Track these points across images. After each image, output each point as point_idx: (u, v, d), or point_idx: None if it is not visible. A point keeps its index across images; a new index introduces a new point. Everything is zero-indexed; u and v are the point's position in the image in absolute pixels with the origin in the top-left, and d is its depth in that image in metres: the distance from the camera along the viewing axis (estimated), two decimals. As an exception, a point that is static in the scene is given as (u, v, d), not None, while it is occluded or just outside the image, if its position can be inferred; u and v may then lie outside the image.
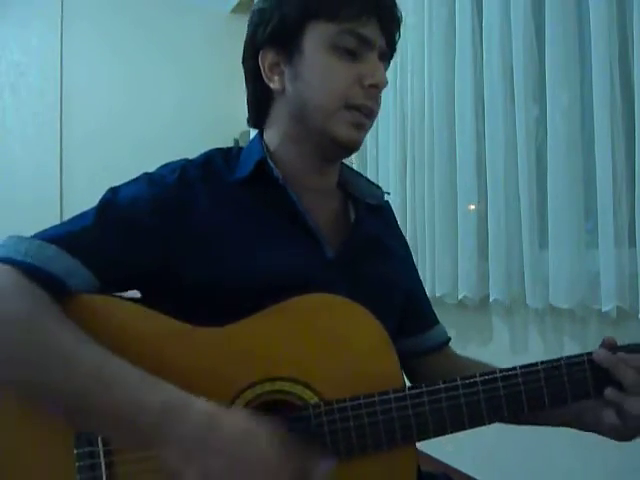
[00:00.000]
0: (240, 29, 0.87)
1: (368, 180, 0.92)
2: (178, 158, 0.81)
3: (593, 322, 1.53)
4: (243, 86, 0.85)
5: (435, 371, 0.90)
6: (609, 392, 0.69)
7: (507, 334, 1.83)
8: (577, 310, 1.53)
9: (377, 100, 0.79)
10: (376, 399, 0.67)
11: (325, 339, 0.70)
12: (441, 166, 1.98)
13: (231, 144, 1.08)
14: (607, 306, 1.40)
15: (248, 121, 0.88)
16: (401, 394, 0.67)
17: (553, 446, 1.55)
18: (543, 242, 1.64)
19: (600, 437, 0.73)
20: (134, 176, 0.78)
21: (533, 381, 0.69)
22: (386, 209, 0.96)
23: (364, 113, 0.77)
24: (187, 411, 0.57)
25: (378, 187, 0.92)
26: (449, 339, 0.95)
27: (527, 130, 1.65)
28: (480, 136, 1.86)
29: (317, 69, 0.76)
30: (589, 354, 0.70)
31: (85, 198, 0.71)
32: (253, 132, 0.87)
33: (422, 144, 2.07)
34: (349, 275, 0.79)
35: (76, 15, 3.04)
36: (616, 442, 0.72)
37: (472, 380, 0.69)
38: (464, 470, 1.81)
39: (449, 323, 0.98)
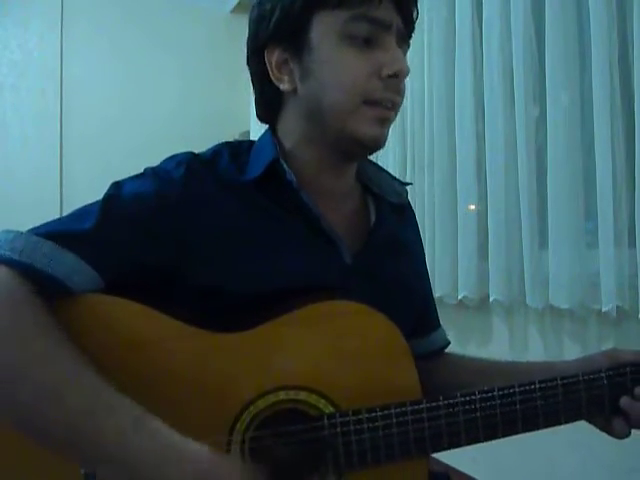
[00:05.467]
0: (240, 29, 0.86)
1: (391, 175, 0.86)
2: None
3: (593, 322, 1.53)
4: (243, 86, 0.83)
5: (431, 374, 0.86)
6: (624, 401, 0.69)
7: (507, 334, 1.82)
8: (577, 310, 1.53)
9: (399, 90, 0.71)
10: (393, 411, 0.65)
11: (343, 348, 0.67)
12: (441, 166, 1.98)
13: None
14: (607, 306, 1.40)
15: (258, 117, 0.82)
16: (418, 407, 0.66)
17: (553, 446, 1.55)
18: (543, 242, 1.64)
19: (600, 438, 0.73)
20: (134, 176, 0.75)
21: (551, 396, 0.68)
22: (408, 208, 0.91)
23: (386, 107, 0.70)
24: (180, 463, 0.55)
25: (402, 183, 0.86)
26: (448, 343, 0.93)
27: (527, 130, 1.64)
28: (480, 136, 1.86)
29: (329, 64, 0.69)
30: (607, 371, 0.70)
31: (85, 198, 0.70)
32: (253, 132, 0.87)
33: (422, 144, 2.07)
34: (367, 280, 0.75)
35: (76, 15, 3.04)
36: (616, 441, 0.72)
37: (490, 394, 0.67)
38: (464, 470, 1.80)
39: (449, 323, 0.98)
